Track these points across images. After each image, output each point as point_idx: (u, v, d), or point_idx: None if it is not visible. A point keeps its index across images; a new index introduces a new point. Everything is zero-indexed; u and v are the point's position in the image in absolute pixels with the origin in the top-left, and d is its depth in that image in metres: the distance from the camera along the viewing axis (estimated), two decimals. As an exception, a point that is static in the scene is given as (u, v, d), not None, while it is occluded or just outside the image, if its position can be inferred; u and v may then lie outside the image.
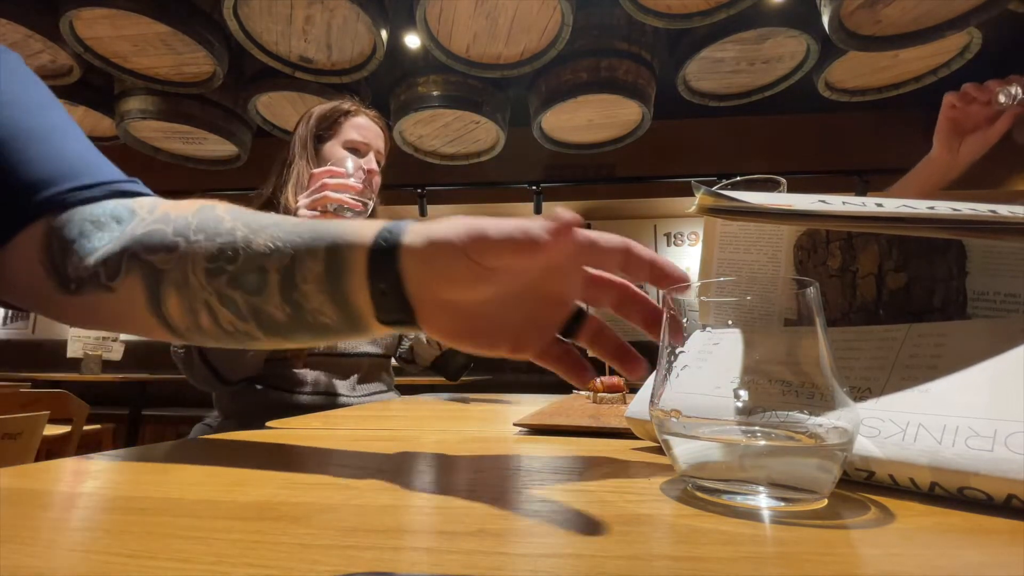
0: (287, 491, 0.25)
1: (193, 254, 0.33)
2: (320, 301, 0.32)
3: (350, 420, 0.59)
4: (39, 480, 0.27)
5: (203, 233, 0.33)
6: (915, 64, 2.19)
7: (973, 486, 0.21)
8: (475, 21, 1.97)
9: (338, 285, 0.31)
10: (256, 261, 0.32)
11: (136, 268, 0.34)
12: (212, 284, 0.32)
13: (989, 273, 0.31)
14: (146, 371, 3.05)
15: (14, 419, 1.05)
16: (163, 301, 0.34)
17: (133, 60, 2.18)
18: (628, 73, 2.28)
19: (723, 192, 0.26)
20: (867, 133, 3.39)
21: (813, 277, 0.26)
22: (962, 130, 0.85)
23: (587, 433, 0.46)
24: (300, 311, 0.32)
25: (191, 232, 0.34)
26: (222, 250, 0.33)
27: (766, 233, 0.42)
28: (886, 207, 0.25)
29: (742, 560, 0.16)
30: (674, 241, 3.89)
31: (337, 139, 0.98)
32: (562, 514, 0.21)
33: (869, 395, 0.26)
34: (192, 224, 0.34)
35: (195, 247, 0.33)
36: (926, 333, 0.26)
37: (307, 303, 0.32)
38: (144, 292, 0.34)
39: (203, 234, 0.33)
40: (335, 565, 0.16)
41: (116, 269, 0.34)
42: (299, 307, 0.32)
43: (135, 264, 0.34)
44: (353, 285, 0.31)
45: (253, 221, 0.34)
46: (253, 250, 0.32)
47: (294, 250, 0.32)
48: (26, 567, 0.15)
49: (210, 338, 0.35)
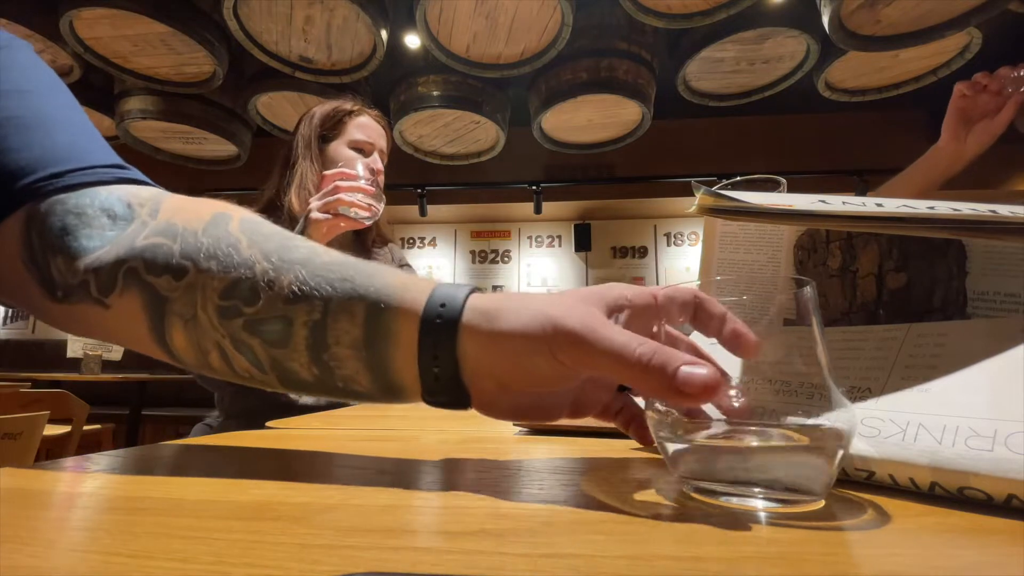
0: (287, 491, 0.25)
1: (203, 286, 0.29)
2: (355, 369, 0.27)
3: (350, 420, 0.59)
4: (39, 480, 0.27)
5: (215, 260, 0.29)
6: (915, 64, 2.19)
7: (973, 486, 0.21)
8: (475, 21, 1.98)
9: (379, 357, 0.27)
10: (279, 308, 0.27)
11: (135, 287, 0.30)
12: (225, 326, 0.28)
13: (989, 273, 0.31)
14: (146, 371, 3.05)
15: (14, 419, 1.05)
16: (167, 331, 0.30)
17: (133, 60, 2.19)
18: (628, 73, 2.28)
19: (723, 192, 0.26)
20: (867, 133, 3.40)
21: (813, 277, 0.26)
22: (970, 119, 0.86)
23: (587, 433, 0.46)
24: (330, 374, 0.28)
25: (201, 257, 0.29)
26: (237, 286, 0.28)
27: (766, 233, 0.42)
28: (886, 207, 0.25)
29: (742, 560, 0.16)
30: (674, 241, 3.89)
31: (342, 139, 0.97)
32: (562, 514, 0.21)
33: (869, 395, 0.26)
34: (203, 246, 0.29)
35: (206, 278, 0.29)
36: (926, 333, 0.26)
37: (339, 368, 0.27)
38: (146, 317, 0.30)
39: (215, 261, 0.29)
40: (335, 565, 0.16)
41: (111, 283, 0.30)
42: (329, 370, 0.28)
43: (134, 282, 0.30)
44: (398, 361, 0.27)
45: (275, 251, 0.29)
46: (275, 293, 0.28)
47: (325, 302, 0.27)
48: (26, 567, 0.15)
49: (221, 377, 0.31)
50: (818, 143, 3.47)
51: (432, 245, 4.06)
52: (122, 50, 2.12)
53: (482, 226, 4.05)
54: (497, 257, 4.00)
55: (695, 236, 3.87)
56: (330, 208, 0.79)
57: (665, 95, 2.48)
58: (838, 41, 1.93)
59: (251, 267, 0.28)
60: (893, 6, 1.80)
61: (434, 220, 3.92)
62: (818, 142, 3.47)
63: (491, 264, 3.99)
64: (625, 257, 3.91)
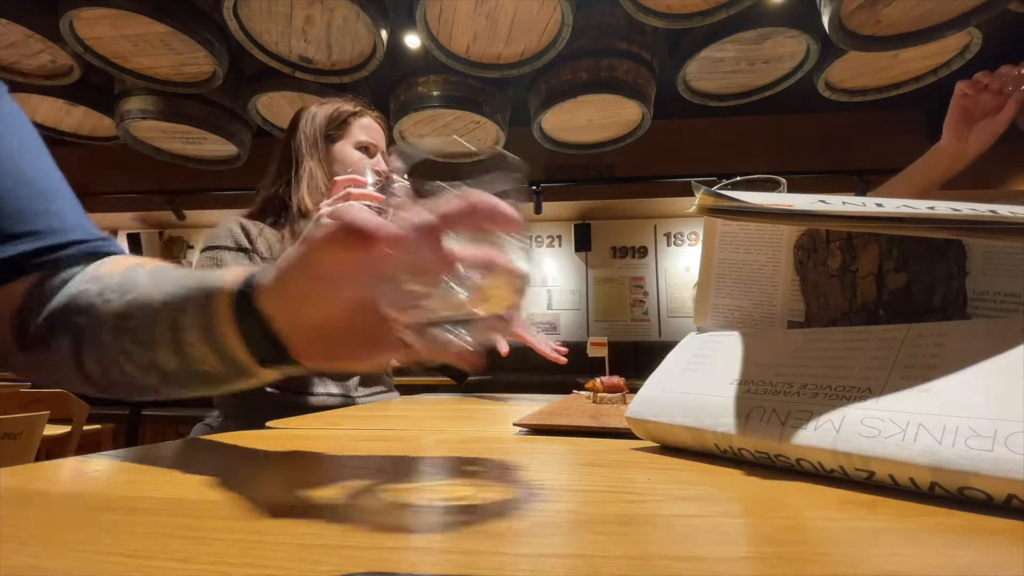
0: (287, 491, 0.25)
1: (105, 314, 0.35)
2: (203, 351, 0.33)
3: (350, 420, 0.59)
4: (39, 480, 0.27)
5: (118, 292, 0.35)
6: (915, 64, 2.19)
7: (973, 486, 0.21)
8: (475, 21, 1.98)
9: (216, 337, 0.32)
10: (151, 316, 0.34)
11: (65, 328, 0.36)
12: (118, 341, 0.34)
13: (989, 273, 0.31)
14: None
15: (14, 419, 1.05)
16: (84, 359, 0.36)
17: (133, 60, 2.19)
18: (628, 73, 2.28)
19: (723, 192, 0.26)
20: (867, 133, 3.40)
21: (813, 277, 0.26)
22: (971, 118, 0.85)
23: (587, 433, 0.46)
24: (188, 361, 0.33)
25: (109, 291, 0.36)
26: (127, 308, 0.34)
27: (766, 233, 0.42)
28: (886, 207, 0.25)
29: (742, 560, 0.16)
30: (674, 241, 3.89)
31: (347, 140, 0.98)
32: (562, 514, 0.21)
33: (869, 395, 0.26)
34: (113, 283, 0.36)
35: (108, 307, 0.35)
36: (926, 333, 0.26)
37: (193, 353, 0.33)
38: (70, 351, 0.36)
39: (117, 293, 0.35)
40: (335, 565, 0.16)
41: (54, 328, 0.36)
42: (187, 357, 0.33)
43: (65, 324, 0.36)
44: (228, 336, 0.32)
45: (160, 275, 0.36)
46: (150, 305, 0.34)
47: (179, 302, 0.33)
48: (26, 567, 0.15)
49: (123, 391, 0.37)
50: (818, 143, 3.47)
51: (432, 245, 4.06)
52: (122, 50, 2.12)
53: (482, 226, 4.05)
54: (497, 257, 4.00)
55: (695, 236, 3.87)
56: None
57: (665, 95, 2.48)
58: (838, 41, 1.93)
59: (138, 290, 0.35)
60: (893, 6, 1.80)
61: (434, 220, 3.91)
62: (818, 142, 3.47)
63: (491, 264, 3.99)
64: (625, 257, 3.91)
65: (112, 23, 1.97)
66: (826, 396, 0.27)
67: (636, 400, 0.38)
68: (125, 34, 2.03)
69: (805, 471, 0.27)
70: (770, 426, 0.28)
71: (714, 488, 0.26)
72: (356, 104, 1.01)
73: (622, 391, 0.81)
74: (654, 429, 0.36)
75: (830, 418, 0.26)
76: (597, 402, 0.78)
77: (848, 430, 0.25)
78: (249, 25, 1.99)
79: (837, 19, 1.84)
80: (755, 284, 0.42)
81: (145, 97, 2.46)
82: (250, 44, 2.06)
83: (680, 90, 2.42)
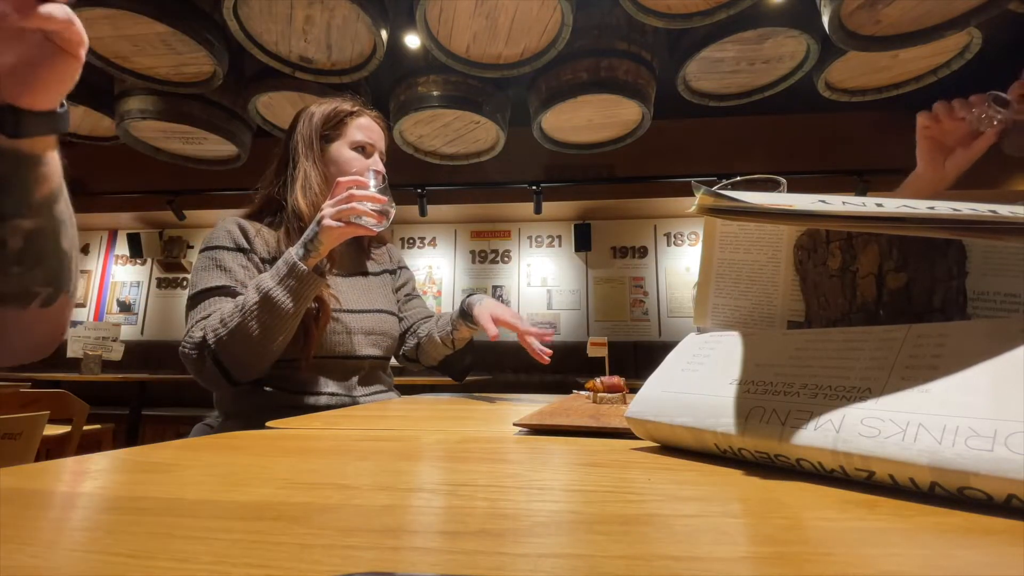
0: (287, 491, 0.25)
1: None
2: None
3: (350, 420, 0.59)
4: (39, 480, 0.27)
5: None
6: (915, 64, 2.19)
7: (973, 486, 0.21)
8: (475, 21, 1.98)
9: None
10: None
11: None
12: None
13: (989, 273, 0.31)
14: (146, 371, 3.05)
15: (14, 419, 1.05)
16: None
17: (133, 60, 2.19)
18: (628, 73, 2.28)
19: (723, 192, 0.26)
20: (867, 133, 3.40)
21: (813, 277, 0.26)
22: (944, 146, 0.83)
23: (587, 433, 0.46)
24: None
25: None
26: None
27: (766, 233, 0.42)
28: (886, 207, 0.25)
29: (742, 560, 0.16)
30: (674, 241, 3.89)
31: (344, 140, 0.98)
32: (562, 514, 0.21)
33: (869, 395, 0.26)
34: None
35: None
36: (926, 333, 0.26)
37: None
38: None
39: None
40: (335, 565, 0.16)
41: None
42: None
43: None
44: None
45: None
46: None
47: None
48: (26, 567, 0.15)
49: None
50: (818, 143, 3.47)
51: (432, 245, 4.06)
52: (122, 50, 2.12)
53: (482, 226, 4.05)
54: (497, 257, 4.00)
55: (695, 236, 3.87)
56: (343, 216, 0.80)
57: (665, 95, 2.48)
58: (838, 41, 1.93)
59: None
60: (893, 6, 1.80)
61: (434, 220, 3.92)
62: (818, 142, 3.47)
63: (491, 264, 3.99)
64: (625, 257, 3.91)
65: (112, 23, 1.97)
66: (826, 396, 0.27)
67: (636, 400, 0.38)
68: (125, 34, 2.03)
69: (805, 471, 0.27)
70: (770, 426, 0.28)
71: (714, 488, 0.26)
72: (354, 103, 1.00)
73: (622, 391, 0.81)
74: (654, 429, 0.36)
75: (830, 418, 0.26)
76: (597, 402, 0.78)
77: (848, 430, 0.25)
78: (249, 25, 1.99)
79: (837, 19, 1.84)
80: (755, 284, 0.43)
81: (145, 97, 2.46)
82: (250, 44, 2.06)
83: (680, 90, 2.42)
